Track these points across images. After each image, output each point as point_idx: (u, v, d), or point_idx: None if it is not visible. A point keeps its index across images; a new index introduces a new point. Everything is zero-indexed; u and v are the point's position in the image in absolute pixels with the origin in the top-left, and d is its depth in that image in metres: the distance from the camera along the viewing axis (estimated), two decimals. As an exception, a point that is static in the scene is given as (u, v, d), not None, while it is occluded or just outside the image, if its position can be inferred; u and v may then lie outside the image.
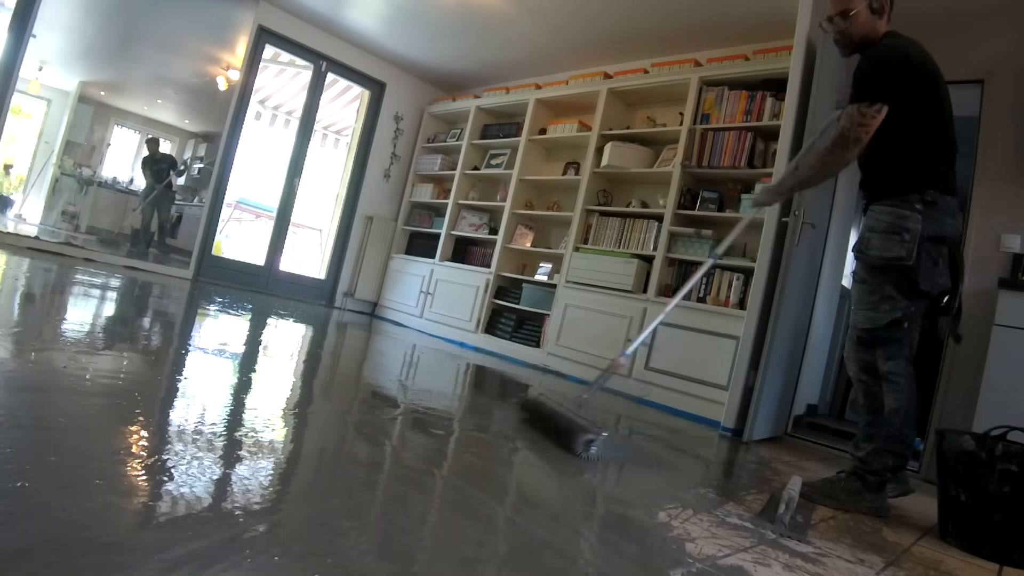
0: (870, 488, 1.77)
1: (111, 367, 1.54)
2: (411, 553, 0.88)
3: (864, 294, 1.82)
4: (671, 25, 3.88)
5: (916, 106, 1.73)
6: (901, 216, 1.72)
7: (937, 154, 1.76)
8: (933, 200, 1.71)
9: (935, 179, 1.73)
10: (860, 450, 1.82)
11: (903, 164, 1.76)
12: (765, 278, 2.90)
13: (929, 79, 1.74)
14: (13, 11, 4.02)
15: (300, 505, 0.97)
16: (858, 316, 1.82)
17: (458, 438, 1.71)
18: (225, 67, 4.96)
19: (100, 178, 4.81)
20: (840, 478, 1.83)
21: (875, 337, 1.79)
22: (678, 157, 3.69)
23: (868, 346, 1.81)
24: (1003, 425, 1.61)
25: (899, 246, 1.71)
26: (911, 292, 1.73)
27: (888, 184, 1.79)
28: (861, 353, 1.84)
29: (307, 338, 3.25)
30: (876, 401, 1.82)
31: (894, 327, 1.75)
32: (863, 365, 1.84)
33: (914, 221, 1.70)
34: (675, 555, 1.11)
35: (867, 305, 1.80)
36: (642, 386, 3.46)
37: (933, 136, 1.76)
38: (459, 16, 4.37)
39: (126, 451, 1.00)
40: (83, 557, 0.65)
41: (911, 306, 1.75)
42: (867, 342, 1.81)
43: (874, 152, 1.80)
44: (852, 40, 1.87)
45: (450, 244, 5.19)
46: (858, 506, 1.76)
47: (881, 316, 1.76)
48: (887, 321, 1.75)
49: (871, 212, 1.83)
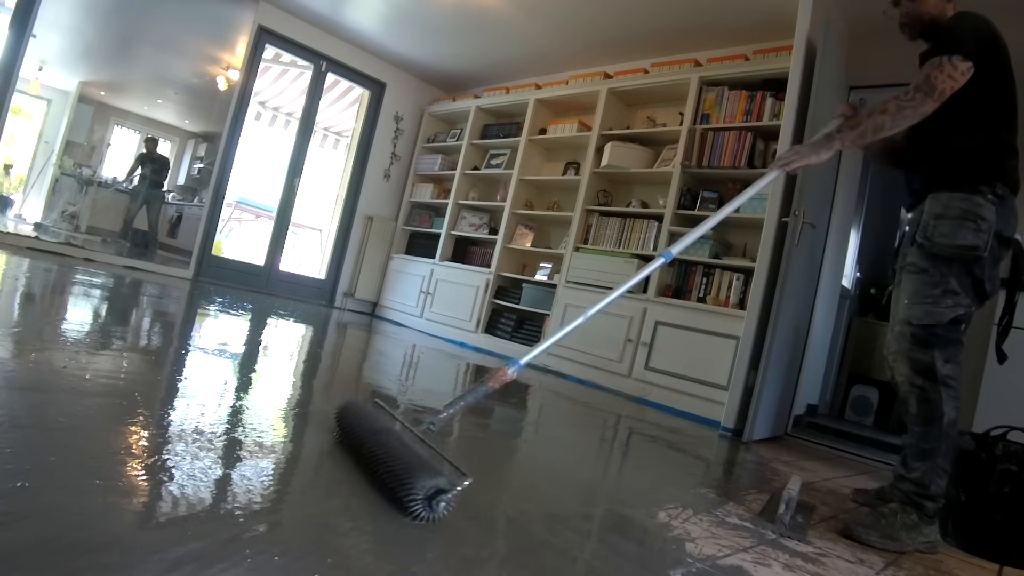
0: (927, 517, 1.50)
1: (111, 367, 1.54)
2: (411, 553, 0.88)
3: (923, 286, 1.58)
4: (671, 25, 3.89)
5: (995, 87, 1.56)
6: (976, 204, 1.53)
7: (1007, 147, 1.58)
8: (1003, 195, 1.54)
9: (1005, 174, 1.56)
10: (913, 470, 1.55)
11: (973, 152, 1.57)
12: (765, 278, 2.90)
13: (1008, 61, 1.58)
14: (13, 11, 4.02)
15: (300, 505, 0.97)
16: (915, 311, 1.58)
17: (458, 438, 1.71)
18: (225, 67, 4.96)
19: (100, 178, 4.82)
20: (892, 511, 1.52)
21: (933, 335, 1.56)
22: (678, 157, 3.69)
23: (925, 345, 1.57)
24: (1003, 425, 1.61)
25: (974, 235, 1.51)
26: (974, 290, 1.55)
27: (955, 172, 1.59)
28: (917, 353, 1.58)
29: (307, 338, 3.25)
30: (935, 410, 1.55)
31: (955, 326, 1.56)
32: (919, 367, 1.58)
33: (989, 211, 1.52)
34: (675, 555, 1.11)
35: (927, 299, 1.57)
36: (642, 386, 3.46)
37: (1005, 125, 1.59)
38: (459, 16, 4.37)
39: (126, 451, 1.00)
40: (83, 557, 0.65)
41: (972, 306, 1.57)
42: (924, 340, 1.57)
43: (935, 136, 1.64)
44: (922, 21, 1.70)
45: (450, 244, 5.19)
46: (916, 542, 1.49)
47: (943, 312, 1.55)
48: (950, 318, 1.55)
49: (935, 199, 1.60)
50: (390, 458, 1.07)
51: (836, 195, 3.46)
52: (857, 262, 4.48)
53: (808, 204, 2.82)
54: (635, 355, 3.53)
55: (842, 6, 3.27)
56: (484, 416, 2.20)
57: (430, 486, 0.97)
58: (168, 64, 4.95)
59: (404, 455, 1.07)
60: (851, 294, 4.45)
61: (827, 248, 3.42)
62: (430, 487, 0.97)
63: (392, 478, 1.02)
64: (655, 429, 2.66)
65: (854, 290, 4.52)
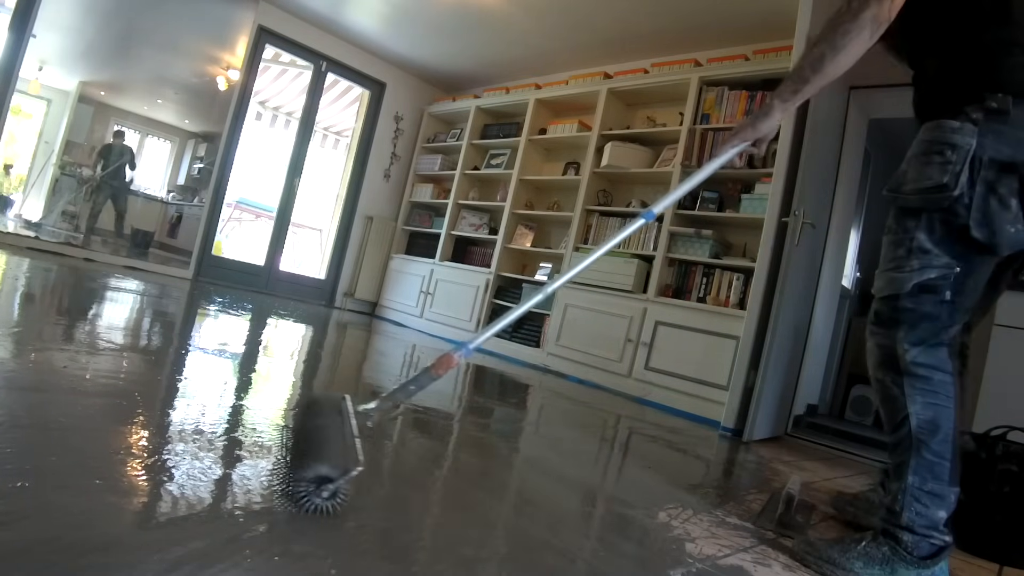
0: (906, 554, 1.14)
1: (111, 367, 1.54)
2: (411, 553, 0.88)
3: (888, 249, 1.26)
4: (671, 25, 3.89)
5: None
6: (947, 130, 1.18)
7: (1003, 45, 1.17)
8: (1000, 108, 1.13)
9: (1004, 77, 1.15)
10: (888, 492, 1.23)
11: (949, 67, 1.24)
12: (765, 278, 2.90)
13: None
14: (13, 11, 4.02)
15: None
16: (878, 282, 1.27)
17: (458, 438, 1.71)
18: (225, 67, 4.96)
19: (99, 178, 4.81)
20: (862, 539, 1.20)
21: (896, 310, 1.21)
22: (678, 157, 3.69)
23: (887, 324, 1.23)
24: (1003, 425, 1.61)
25: (938, 170, 1.17)
26: (956, 242, 1.16)
27: (935, 97, 1.27)
28: (879, 336, 1.25)
29: (307, 338, 3.25)
30: (897, 411, 1.21)
31: (924, 295, 1.18)
32: (880, 355, 1.24)
33: (964, 135, 1.15)
34: (675, 555, 1.11)
35: (890, 263, 1.24)
36: (642, 386, 3.46)
37: (998, 17, 1.18)
38: (459, 16, 4.37)
39: (126, 451, 1.00)
40: (83, 557, 0.65)
41: (955, 265, 1.17)
42: (886, 318, 1.23)
43: (910, 57, 1.39)
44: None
45: (450, 244, 5.19)
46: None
47: (906, 276, 1.20)
48: (913, 284, 1.19)
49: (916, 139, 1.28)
50: (298, 449, 1.00)
51: (836, 195, 3.46)
52: (857, 262, 4.48)
53: (808, 204, 2.82)
54: (635, 355, 3.53)
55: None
56: (484, 416, 2.20)
57: (313, 474, 0.90)
58: (168, 64, 4.95)
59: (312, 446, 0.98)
60: (851, 294, 4.45)
61: (827, 248, 3.42)
62: (313, 475, 0.90)
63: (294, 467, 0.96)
64: (655, 429, 2.66)
65: (854, 290, 4.52)
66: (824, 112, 2.96)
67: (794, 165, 2.90)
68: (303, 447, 0.99)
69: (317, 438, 1.00)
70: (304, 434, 1.04)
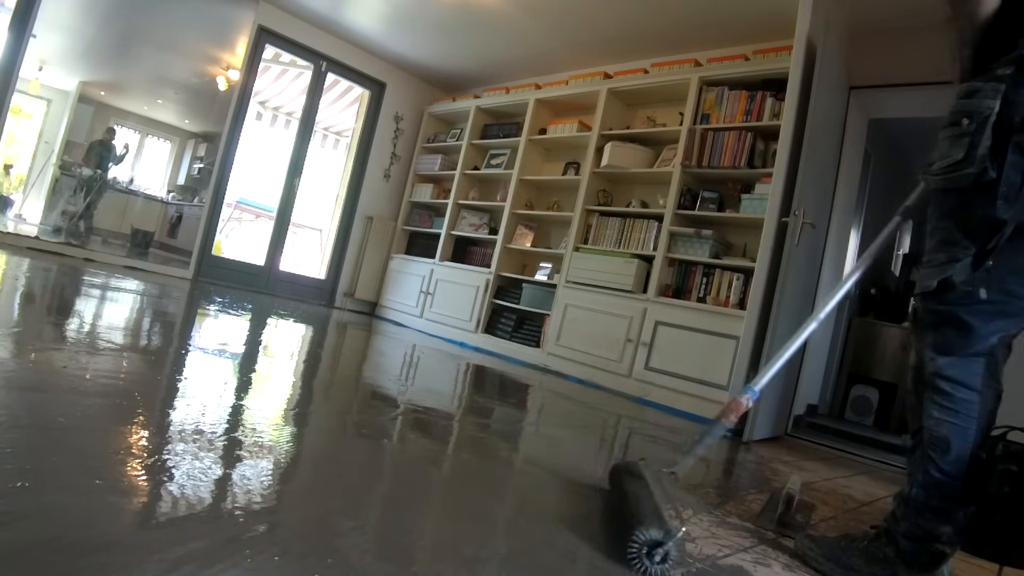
0: (905, 559, 1.10)
1: (111, 367, 1.54)
2: (411, 553, 0.88)
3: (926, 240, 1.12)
4: (671, 25, 3.89)
5: None
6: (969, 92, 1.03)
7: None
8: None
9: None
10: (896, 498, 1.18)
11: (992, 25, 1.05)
12: (765, 278, 2.90)
13: None
14: (13, 11, 4.02)
15: (300, 505, 0.97)
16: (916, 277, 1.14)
17: (458, 438, 1.71)
18: (225, 67, 4.96)
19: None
20: (865, 537, 1.18)
21: (925, 311, 1.09)
22: (678, 157, 3.69)
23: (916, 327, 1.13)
24: (1003, 425, 1.60)
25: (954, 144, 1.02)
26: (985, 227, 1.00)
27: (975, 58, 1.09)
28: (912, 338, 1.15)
29: (307, 338, 3.25)
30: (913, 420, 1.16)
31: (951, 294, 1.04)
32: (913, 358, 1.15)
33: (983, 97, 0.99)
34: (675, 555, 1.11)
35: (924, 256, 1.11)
36: (642, 386, 3.46)
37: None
38: (459, 16, 4.37)
39: (126, 451, 1.00)
40: (83, 557, 0.65)
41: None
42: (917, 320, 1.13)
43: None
44: None
45: (450, 244, 5.19)
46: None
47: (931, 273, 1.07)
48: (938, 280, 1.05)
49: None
50: (626, 513, 1.08)
51: (836, 195, 3.46)
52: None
53: (808, 204, 2.82)
54: (635, 355, 3.53)
55: (842, 6, 3.27)
56: (484, 416, 2.20)
57: (645, 539, 0.95)
58: (168, 64, 4.95)
59: (636, 508, 1.07)
60: (851, 294, 4.44)
61: (827, 248, 3.42)
62: (646, 540, 0.95)
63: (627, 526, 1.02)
64: (655, 429, 2.66)
65: (854, 290, 4.51)
66: (824, 112, 2.97)
67: (794, 165, 2.90)
68: (628, 513, 1.06)
69: (637, 505, 1.07)
70: (625, 501, 1.13)
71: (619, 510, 1.12)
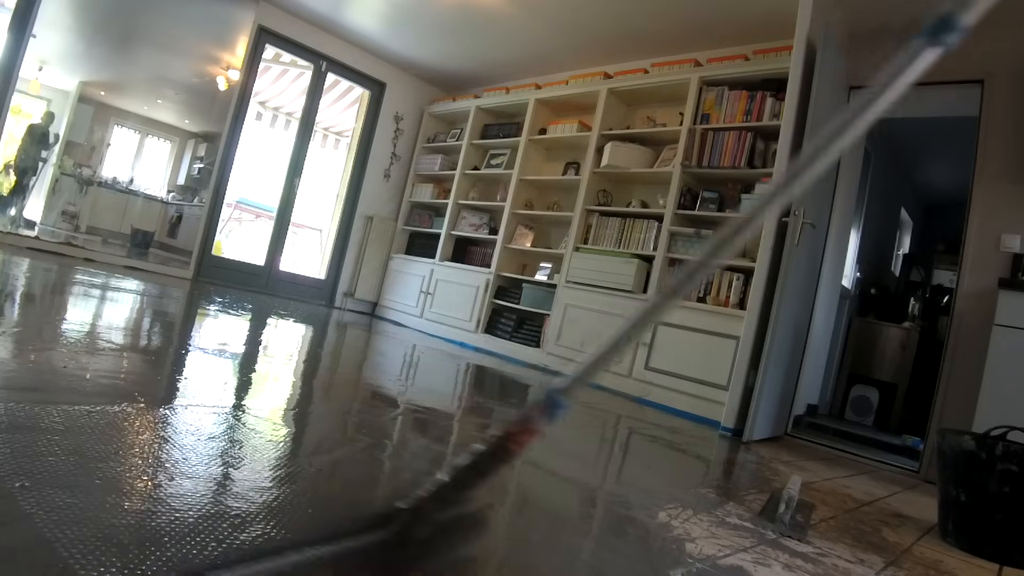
0: None
1: (111, 367, 1.54)
2: (410, 552, 0.88)
3: None
4: (671, 25, 3.89)
5: None
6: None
7: None
8: None
9: None
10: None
11: None
12: (765, 278, 2.90)
13: None
14: (13, 11, 4.02)
15: (300, 505, 0.97)
16: None
17: (458, 438, 1.71)
18: (225, 67, 4.96)
19: (100, 178, 4.81)
20: None
21: None
22: (678, 157, 3.69)
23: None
24: (1003, 425, 1.61)
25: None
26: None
27: None
28: None
29: (307, 338, 3.25)
30: None
31: None
32: None
33: None
34: (675, 555, 1.11)
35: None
36: (642, 386, 3.46)
37: None
38: (459, 16, 4.37)
39: (126, 451, 1.00)
40: (83, 557, 0.65)
41: None
42: None
43: None
44: None
45: (450, 244, 5.19)
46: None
47: None
48: None
49: None
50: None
51: (836, 195, 3.46)
52: (857, 262, 4.48)
53: (808, 204, 2.82)
54: (635, 355, 3.53)
55: (842, 6, 3.27)
56: (483, 417, 2.20)
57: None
58: (168, 64, 4.95)
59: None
60: (851, 294, 4.45)
61: (827, 248, 3.42)
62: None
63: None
64: (655, 429, 2.66)
65: (854, 290, 4.52)
66: (824, 112, 2.96)
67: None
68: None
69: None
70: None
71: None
